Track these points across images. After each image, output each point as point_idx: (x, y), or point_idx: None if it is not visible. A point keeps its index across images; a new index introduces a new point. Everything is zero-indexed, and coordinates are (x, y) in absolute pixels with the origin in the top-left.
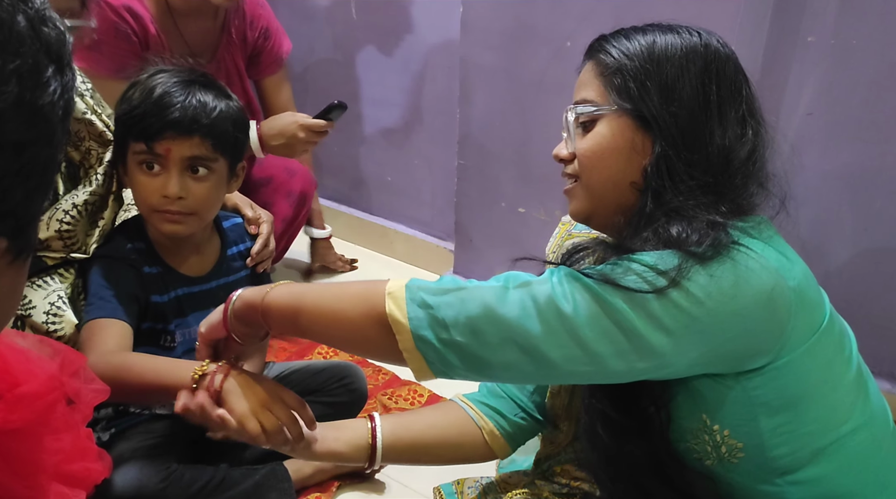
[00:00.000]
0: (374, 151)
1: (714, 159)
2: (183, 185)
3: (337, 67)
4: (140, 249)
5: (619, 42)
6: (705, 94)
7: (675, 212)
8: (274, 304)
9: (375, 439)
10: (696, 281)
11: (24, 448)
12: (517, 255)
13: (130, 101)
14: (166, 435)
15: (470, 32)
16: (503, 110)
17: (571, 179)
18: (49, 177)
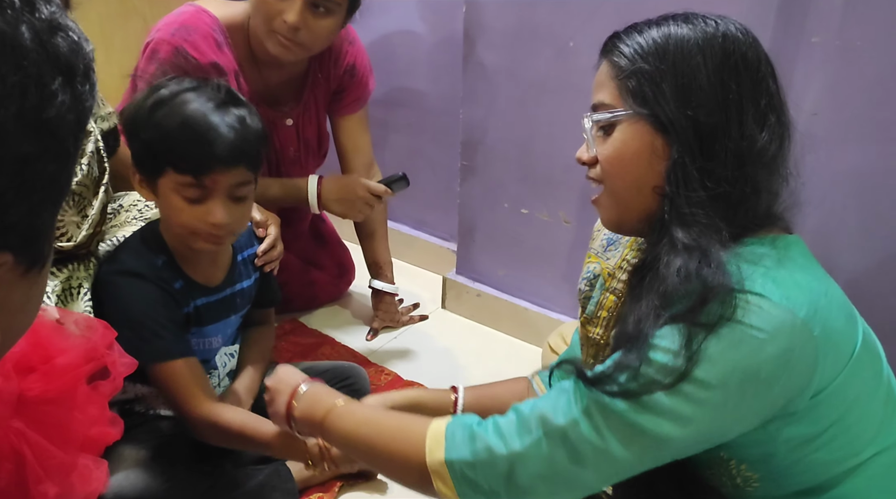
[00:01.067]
0: (376, 152)
1: (730, 165)
2: (227, 211)
3: None
4: (165, 264)
5: (631, 40)
6: (724, 90)
7: (686, 224)
8: (330, 431)
9: (457, 407)
10: (711, 366)
11: (58, 416)
12: (520, 255)
13: (164, 129)
14: (170, 435)
15: (473, 32)
16: (506, 111)
17: (596, 183)
18: (58, 191)
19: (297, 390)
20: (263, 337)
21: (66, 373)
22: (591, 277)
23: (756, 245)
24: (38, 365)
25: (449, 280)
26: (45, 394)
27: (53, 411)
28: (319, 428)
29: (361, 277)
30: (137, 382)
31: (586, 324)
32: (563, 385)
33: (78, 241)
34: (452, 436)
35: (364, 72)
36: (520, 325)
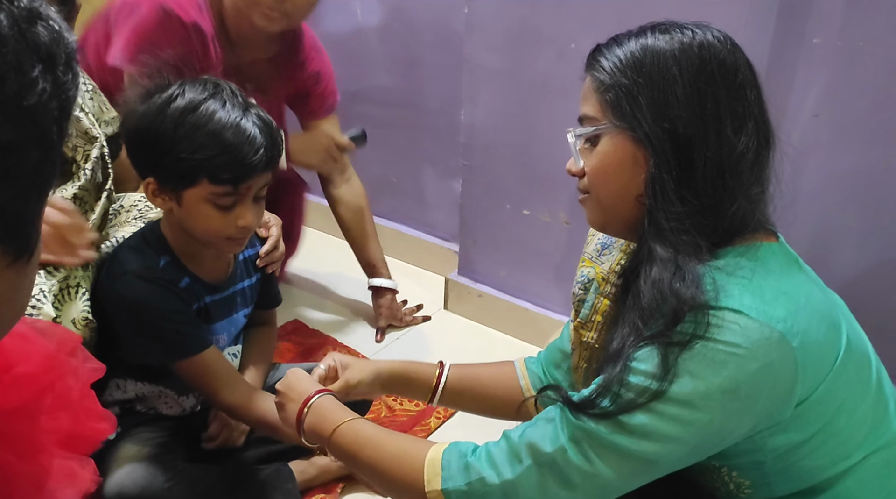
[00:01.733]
0: (378, 153)
1: (708, 175)
2: (254, 214)
3: (342, 69)
4: (169, 263)
5: (611, 54)
6: (701, 99)
7: (663, 238)
8: (336, 448)
9: (440, 380)
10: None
11: (22, 428)
12: (521, 256)
13: (197, 144)
14: (172, 434)
15: (475, 34)
16: (507, 112)
17: (584, 194)
18: (43, 179)
19: (309, 400)
20: (265, 337)
21: (29, 382)
22: (585, 282)
23: (734, 255)
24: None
25: (451, 281)
26: (4, 404)
27: (17, 421)
28: (326, 443)
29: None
30: (139, 381)
31: (580, 328)
32: (550, 413)
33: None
34: (448, 465)
35: (330, 80)
36: (521, 325)
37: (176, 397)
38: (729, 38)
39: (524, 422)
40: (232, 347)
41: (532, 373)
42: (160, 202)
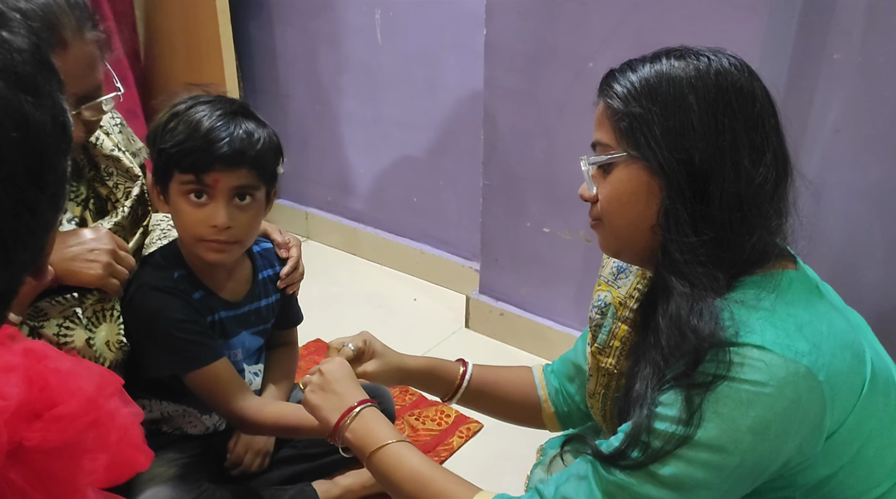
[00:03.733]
0: (400, 173)
1: (725, 207)
2: (230, 214)
3: (363, 91)
4: (184, 276)
5: (624, 80)
6: (718, 129)
7: (679, 272)
8: (377, 470)
9: (464, 379)
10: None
11: (60, 468)
12: (542, 274)
13: (175, 135)
14: (197, 454)
15: (494, 55)
16: (527, 131)
17: (595, 221)
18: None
19: (352, 410)
20: (288, 357)
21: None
22: (601, 306)
23: (753, 286)
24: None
25: (472, 299)
26: (44, 443)
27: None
28: (366, 461)
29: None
30: (164, 400)
31: (598, 353)
32: (581, 469)
33: None
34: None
35: None
36: (542, 343)
37: (199, 416)
38: (746, 66)
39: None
40: (254, 366)
41: (550, 384)
42: (162, 205)
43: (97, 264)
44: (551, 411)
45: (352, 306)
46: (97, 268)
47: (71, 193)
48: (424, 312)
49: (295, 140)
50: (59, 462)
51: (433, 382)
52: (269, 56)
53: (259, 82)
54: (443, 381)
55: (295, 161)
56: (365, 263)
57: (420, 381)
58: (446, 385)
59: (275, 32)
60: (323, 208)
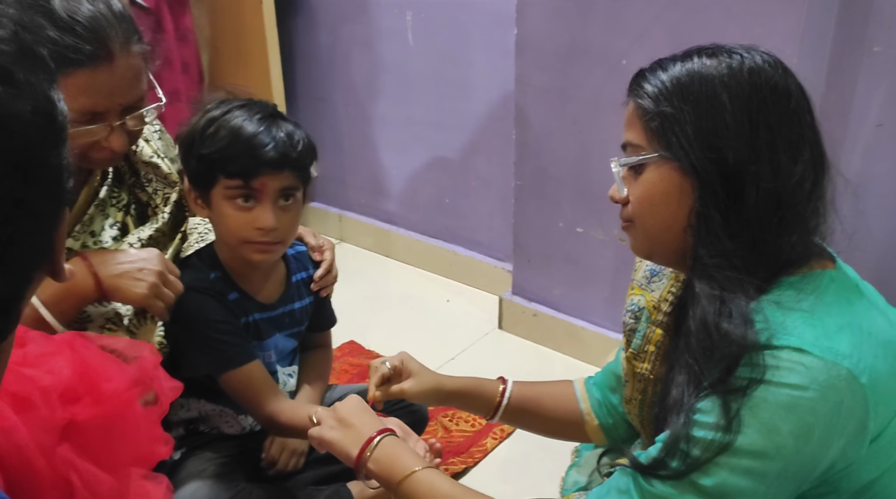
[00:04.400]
0: (432, 174)
1: (761, 208)
2: (276, 216)
3: (395, 92)
4: (219, 278)
5: (655, 79)
6: (753, 128)
7: (708, 276)
8: (405, 495)
9: (503, 398)
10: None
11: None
12: (576, 274)
13: (216, 141)
14: (234, 454)
15: (525, 53)
16: (559, 130)
17: (627, 222)
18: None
19: (371, 441)
20: (322, 359)
21: (113, 398)
22: (635, 310)
23: (790, 287)
24: (87, 391)
25: (505, 300)
26: (94, 419)
27: (102, 436)
28: (394, 490)
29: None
30: (202, 398)
31: (633, 359)
32: (621, 483)
33: None
34: None
35: None
36: (577, 344)
37: (235, 416)
38: (780, 62)
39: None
40: (288, 367)
41: (592, 396)
42: (200, 210)
43: (143, 284)
44: (595, 424)
45: (385, 308)
46: (143, 287)
47: (112, 198)
48: (457, 314)
49: (329, 143)
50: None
51: (472, 401)
52: (305, 60)
53: (296, 86)
54: (482, 400)
55: (329, 164)
56: (398, 264)
57: (459, 401)
58: (486, 404)
59: (310, 37)
60: (356, 211)
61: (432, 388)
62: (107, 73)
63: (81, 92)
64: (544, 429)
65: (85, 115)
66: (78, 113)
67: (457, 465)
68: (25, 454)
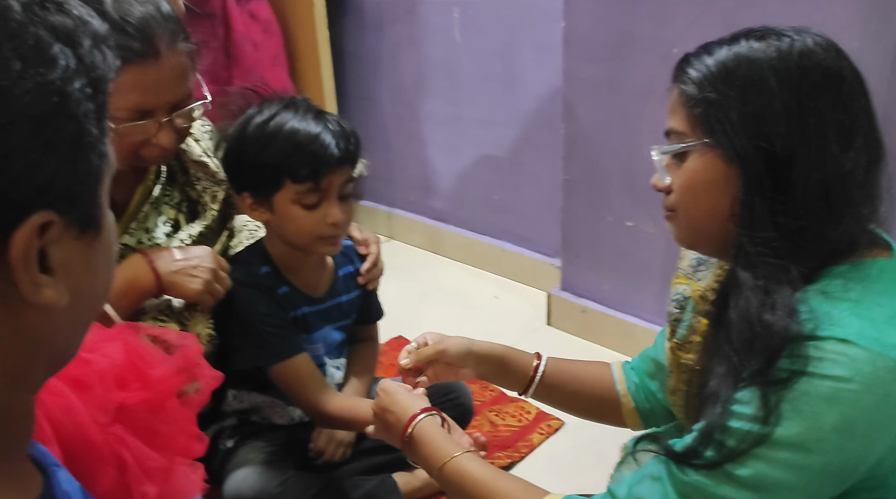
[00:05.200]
0: (480, 171)
1: (810, 196)
2: (342, 209)
3: (443, 90)
4: (269, 273)
5: (700, 65)
6: (802, 113)
7: (751, 264)
8: (446, 483)
9: (537, 371)
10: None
11: (154, 424)
12: (626, 269)
13: (277, 147)
14: (284, 444)
15: (572, 46)
16: (608, 122)
17: (670, 212)
18: (84, 151)
19: (415, 418)
20: (368, 352)
21: (160, 383)
22: (680, 300)
23: (838, 276)
24: (138, 375)
25: (553, 296)
26: (143, 403)
27: (149, 419)
28: (436, 475)
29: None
30: (252, 391)
31: (677, 349)
32: (654, 470)
33: None
34: None
35: None
36: (627, 341)
37: (284, 407)
38: (833, 45)
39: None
40: (336, 360)
41: (629, 379)
42: (257, 215)
43: (198, 280)
44: (631, 407)
45: (433, 305)
46: (198, 283)
47: (166, 196)
48: (506, 310)
49: (378, 142)
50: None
51: (506, 371)
52: (354, 60)
53: (344, 87)
54: (515, 371)
55: (378, 163)
56: (447, 261)
57: (493, 368)
58: (520, 377)
59: (358, 37)
60: (405, 208)
61: (465, 347)
62: (154, 70)
63: (131, 89)
64: (578, 407)
65: (135, 112)
66: (129, 110)
67: (502, 459)
68: (83, 431)
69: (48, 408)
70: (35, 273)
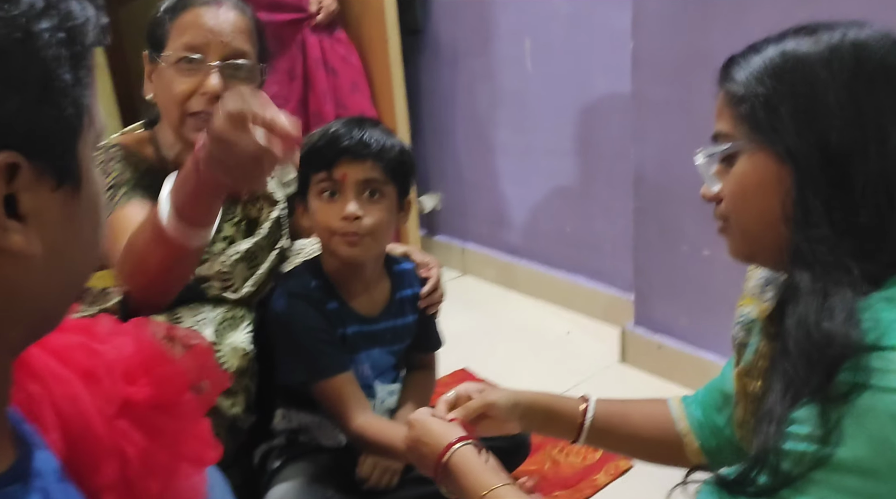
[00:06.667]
0: (551, 202)
1: (869, 193)
2: (360, 205)
3: (514, 121)
4: (320, 286)
5: (747, 63)
6: (858, 106)
7: (807, 265)
8: None
9: (586, 416)
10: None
11: (161, 422)
12: (703, 302)
13: (312, 140)
14: (328, 467)
15: (641, 68)
16: (680, 145)
17: (722, 221)
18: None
19: (452, 446)
20: (424, 380)
21: (168, 381)
22: (746, 322)
23: None
24: (142, 375)
25: (627, 332)
26: (150, 399)
27: (156, 416)
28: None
29: (530, 327)
30: (301, 410)
31: (744, 376)
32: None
33: (241, 294)
34: None
35: None
36: (706, 379)
37: (332, 429)
38: (890, 35)
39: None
40: (389, 385)
41: (691, 415)
42: (305, 220)
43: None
44: (696, 446)
45: (503, 340)
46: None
47: (228, 214)
48: (577, 346)
49: (452, 176)
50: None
51: (554, 418)
52: (428, 95)
53: (420, 122)
54: (563, 419)
55: (451, 196)
56: (520, 296)
57: (539, 418)
58: (568, 424)
59: (433, 72)
60: (479, 242)
61: (511, 399)
62: (213, 13)
63: (189, 27)
64: (636, 451)
65: (188, 49)
66: (183, 48)
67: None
68: (87, 421)
69: (54, 395)
70: (1, 216)
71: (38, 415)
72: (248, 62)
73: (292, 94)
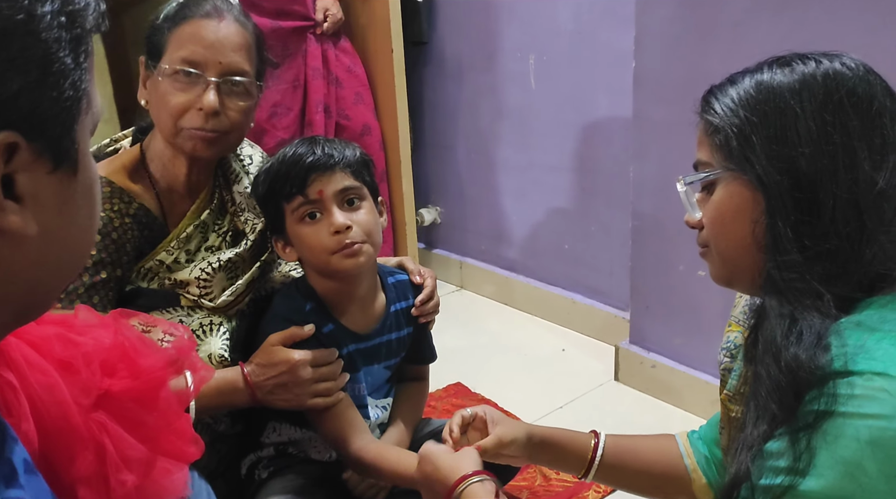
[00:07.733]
0: (551, 219)
1: (840, 217)
2: (346, 215)
3: (516, 138)
4: (314, 309)
5: (723, 94)
6: (827, 134)
7: (777, 290)
8: None
9: (596, 452)
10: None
11: (140, 414)
12: (698, 322)
13: (269, 172)
14: (317, 478)
15: (643, 87)
16: (680, 165)
17: (703, 248)
18: (54, 77)
19: (465, 479)
20: (417, 393)
21: (148, 373)
22: (731, 348)
23: (877, 307)
24: (121, 367)
25: (622, 350)
26: (128, 391)
27: (135, 408)
28: None
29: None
30: (292, 425)
31: (728, 401)
32: None
33: (217, 303)
34: None
35: None
36: (698, 398)
37: (323, 443)
38: (862, 65)
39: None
40: (381, 400)
41: (697, 451)
42: (288, 254)
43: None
44: (703, 483)
45: (498, 355)
46: (301, 399)
47: (216, 224)
48: (572, 363)
49: (453, 190)
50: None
51: (563, 455)
52: (431, 109)
53: (422, 135)
54: (573, 454)
55: (451, 211)
56: (516, 312)
57: (549, 453)
58: (578, 459)
59: (437, 86)
60: (477, 258)
61: (525, 435)
62: (214, 27)
63: (189, 39)
64: (644, 488)
65: (187, 62)
66: (181, 61)
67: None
68: (64, 411)
69: (30, 384)
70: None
71: (10, 405)
72: (245, 79)
73: (295, 103)
